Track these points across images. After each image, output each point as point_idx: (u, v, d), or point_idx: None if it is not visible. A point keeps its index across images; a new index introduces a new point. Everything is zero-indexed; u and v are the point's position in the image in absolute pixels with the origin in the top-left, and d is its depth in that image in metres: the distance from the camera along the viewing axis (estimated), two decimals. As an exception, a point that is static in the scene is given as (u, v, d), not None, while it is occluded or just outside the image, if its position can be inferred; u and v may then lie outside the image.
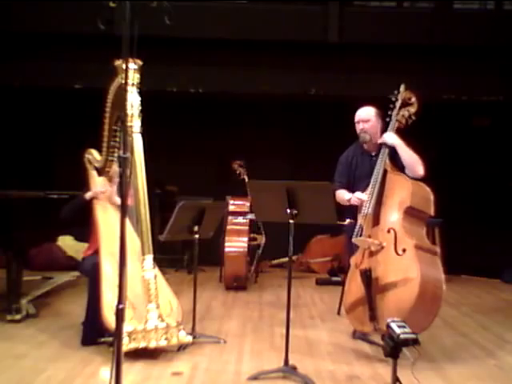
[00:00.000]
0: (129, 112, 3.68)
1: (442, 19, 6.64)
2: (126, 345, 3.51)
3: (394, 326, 2.67)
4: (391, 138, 4.07)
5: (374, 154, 4.24)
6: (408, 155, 4.04)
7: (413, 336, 2.62)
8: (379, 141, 4.12)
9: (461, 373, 3.64)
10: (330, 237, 7.62)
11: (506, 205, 7.39)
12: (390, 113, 4.16)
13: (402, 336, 2.60)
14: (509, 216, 7.26)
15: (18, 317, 4.44)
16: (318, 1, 6.82)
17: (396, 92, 4.19)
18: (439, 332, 4.51)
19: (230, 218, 6.46)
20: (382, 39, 6.60)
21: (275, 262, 7.59)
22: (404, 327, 2.66)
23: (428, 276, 3.65)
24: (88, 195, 4.16)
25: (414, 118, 4.12)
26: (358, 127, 4.31)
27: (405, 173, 4.02)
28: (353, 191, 4.26)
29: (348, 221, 4.42)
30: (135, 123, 3.75)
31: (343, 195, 4.29)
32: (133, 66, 3.66)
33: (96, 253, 4.02)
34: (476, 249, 7.01)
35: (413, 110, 4.13)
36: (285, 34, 6.60)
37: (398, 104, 4.14)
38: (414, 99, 4.14)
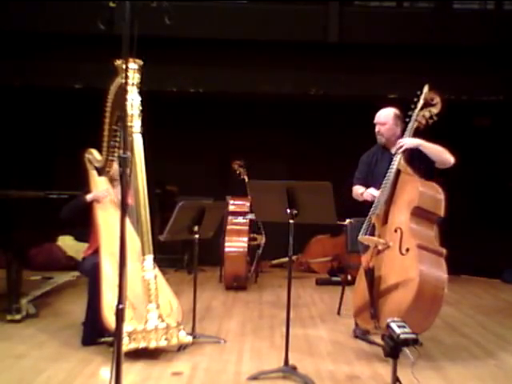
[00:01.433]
0: (129, 112, 3.68)
1: (442, 19, 6.63)
2: (126, 345, 3.50)
3: (393, 325, 2.67)
4: (410, 141, 3.99)
5: (394, 152, 4.19)
6: (433, 150, 4.00)
7: (413, 336, 2.62)
8: (397, 150, 4.01)
9: (461, 373, 3.64)
10: (329, 237, 7.63)
11: (506, 205, 7.39)
12: (409, 113, 4.10)
13: (402, 336, 2.60)
14: (509, 216, 7.26)
15: (18, 317, 4.44)
16: (318, 1, 6.82)
17: (419, 92, 4.11)
18: (439, 332, 4.51)
19: (230, 217, 6.46)
20: (381, 39, 6.60)
21: (275, 261, 7.59)
22: (404, 327, 2.66)
23: (428, 276, 3.64)
24: (89, 197, 4.15)
25: (435, 118, 4.05)
26: (376, 129, 4.29)
27: (421, 173, 3.96)
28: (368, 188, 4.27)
29: (348, 221, 4.43)
30: (135, 123, 3.75)
31: (357, 190, 4.30)
32: (133, 65, 3.66)
33: (96, 253, 4.01)
34: (476, 249, 7.01)
35: (435, 110, 4.05)
36: (285, 34, 6.60)
37: (419, 104, 4.07)
38: (437, 100, 4.07)
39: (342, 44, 6.62)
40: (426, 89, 4.11)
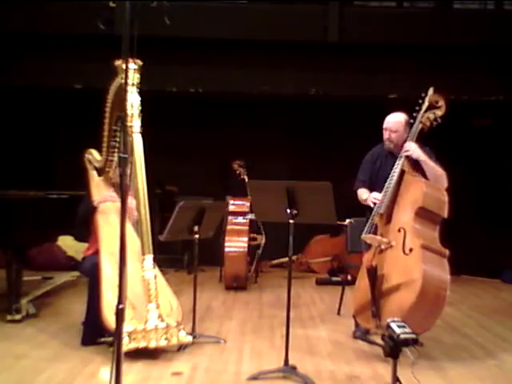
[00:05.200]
0: (129, 112, 3.68)
1: (442, 19, 6.63)
2: (126, 345, 3.51)
3: (394, 325, 2.67)
4: (417, 152, 4.01)
5: (398, 155, 4.21)
6: (432, 170, 4.01)
7: (413, 336, 2.62)
8: (402, 153, 4.02)
9: (461, 373, 3.64)
10: (329, 237, 7.62)
11: (506, 205, 7.39)
12: (414, 114, 4.10)
13: (402, 336, 2.60)
14: (509, 216, 7.26)
15: (18, 317, 4.44)
16: (318, 1, 6.82)
17: (423, 94, 4.10)
18: (439, 332, 4.51)
19: (230, 217, 6.46)
20: (381, 39, 6.59)
21: (275, 262, 7.59)
22: (404, 327, 2.65)
23: (431, 277, 3.64)
24: (97, 202, 4.13)
25: (439, 121, 4.06)
26: (385, 135, 4.25)
27: (425, 176, 3.98)
28: (372, 191, 4.27)
29: (348, 221, 4.43)
30: (135, 123, 3.75)
31: (362, 195, 4.28)
32: (133, 66, 3.66)
33: (96, 253, 4.01)
34: (476, 249, 7.01)
35: (439, 113, 4.05)
36: (285, 34, 6.59)
37: (424, 106, 4.07)
38: (441, 102, 4.06)
39: (342, 44, 6.61)
40: (430, 91, 4.11)
